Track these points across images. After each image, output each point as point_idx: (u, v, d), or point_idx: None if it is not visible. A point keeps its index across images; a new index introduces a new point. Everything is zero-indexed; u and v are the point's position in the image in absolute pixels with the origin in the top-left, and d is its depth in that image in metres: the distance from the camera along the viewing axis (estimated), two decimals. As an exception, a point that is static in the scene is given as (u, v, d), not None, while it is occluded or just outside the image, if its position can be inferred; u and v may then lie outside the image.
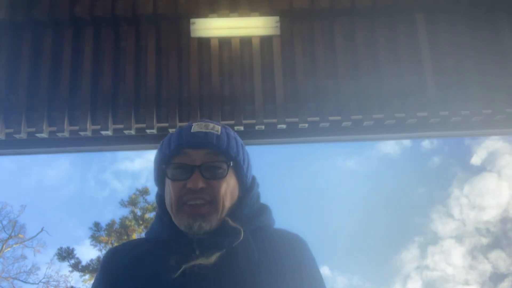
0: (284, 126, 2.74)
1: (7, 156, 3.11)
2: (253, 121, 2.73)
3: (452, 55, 2.82)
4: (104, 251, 13.59)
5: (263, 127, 2.74)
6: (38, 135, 2.69)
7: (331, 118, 2.74)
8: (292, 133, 2.82)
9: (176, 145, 1.02)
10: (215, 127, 1.04)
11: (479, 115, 2.76)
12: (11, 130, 2.67)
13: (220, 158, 1.00)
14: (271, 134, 2.82)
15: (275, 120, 2.73)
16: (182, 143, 1.02)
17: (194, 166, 0.98)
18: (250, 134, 2.82)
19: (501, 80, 2.78)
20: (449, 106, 2.73)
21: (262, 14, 2.86)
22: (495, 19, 2.91)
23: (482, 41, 2.85)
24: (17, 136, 2.69)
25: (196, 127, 1.03)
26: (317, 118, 2.73)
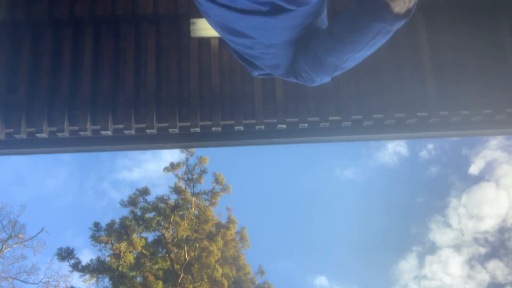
0: (284, 126, 2.74)
1: (7, 156, 3.11)
2: (253, 121, 2.73)
3: (452, 55, 2.82)
4: (104, 251, 13.61)
5: (263, 127, 2.74)
6: (38, 135, 2.69)
7: (331, 118, 2.74)
8: (292, 133, 2.82)
9: None
10: None
11: (479, 115, 2.76)
12: (11, 130, 2.67)
13: None
14: (271, 134, 2.83)
15: (275, 120, 2.73)
16: None
17: None
18: (250, 134, 2.82)
19: (501, 80, 2.78)
20: (449, 106, 2.73)
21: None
22: (495, 19, 2.90)
23: (482, 41, 2.85)
24: (17, 136, 2.68)
25: None
26: (317, 118, 2.73)
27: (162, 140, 2.87)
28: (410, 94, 2.74)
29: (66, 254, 13.52)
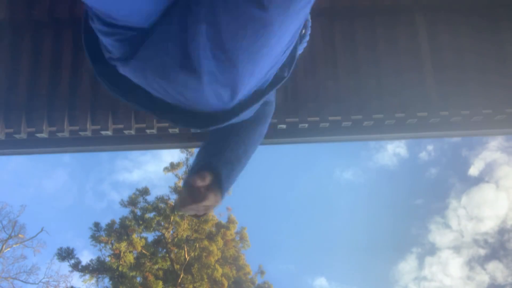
0: (284, 126, 2.74)
1: (7, 156, 3.11)
2: (253, 121, 2.73)
3: (452, 55, 2.82)
4: (104, 251, 13.60)
5: (263, 127, 2.74)
6: (38, 135, 2.69)
7: (331, 118, 2.74)
8: (292, 133, 2.82)
9: None
10: None
11: (479, 115, 2.76)
12: (11, 130, 2.67)
13: None
14: (271, 134, 2.82)
15: (275, 120, 2.73)
16: None
17: None
18: (250, 134, 2.81)
19: (501, 80, 2.78)
20: (449, 106, 2.73)
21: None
22: (495, 18, 2.90)
23: (482, 40, 2.85)
24: (17, 136, 2.69)
25: None
26: (317, 118, 2.73)
27: (162, 140, 2.87)
28: (410, 94, 2.74)
29: (66, 254, 13.53)
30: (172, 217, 13.49)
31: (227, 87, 1.00)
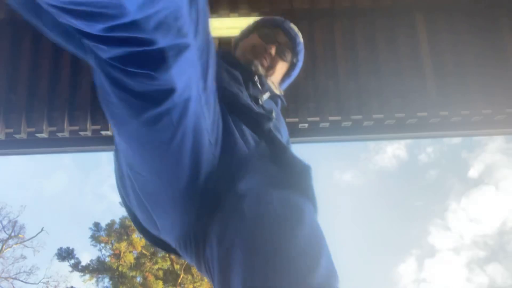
0: (284, 126, 2.74)
1: (7, 156, 3.11)
2: (253, 121, 2.73)
3: (452, 55, 2.83)
4: (104, 251, 13.61)
5: (263, 127, 2.73)
6: (38, 135, 2.69)
7: (331, 118, 2.74)
8: (292, 133, 2.81)
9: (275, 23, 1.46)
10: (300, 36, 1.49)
11: (479, 115, 2.76)
12: (11, 130, 2.67)
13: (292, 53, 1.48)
14: (271, 134, 2.82)
15: (275, 120, 2.73)
16: (281, 25, 1.46)
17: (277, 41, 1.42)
18: (250, 134, 2.81)
19: (501, 80, 2.78)
20: (449, 106, 2.73)
21: (263, 14, 2.86)
22: (495, 18, 2.91)
23: (482, 41, 2.85)
24: (17, 136, 2.69)
25: (292, 25, 1.49)
26: (317, 118, 2.73)
27: (162, 140, 2.87)
28: (410, 94, 2.74)
29: (66, 254, 13.53)
30: (172, 217, 13.48)
31: None
